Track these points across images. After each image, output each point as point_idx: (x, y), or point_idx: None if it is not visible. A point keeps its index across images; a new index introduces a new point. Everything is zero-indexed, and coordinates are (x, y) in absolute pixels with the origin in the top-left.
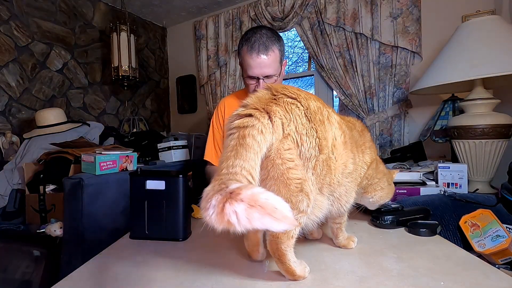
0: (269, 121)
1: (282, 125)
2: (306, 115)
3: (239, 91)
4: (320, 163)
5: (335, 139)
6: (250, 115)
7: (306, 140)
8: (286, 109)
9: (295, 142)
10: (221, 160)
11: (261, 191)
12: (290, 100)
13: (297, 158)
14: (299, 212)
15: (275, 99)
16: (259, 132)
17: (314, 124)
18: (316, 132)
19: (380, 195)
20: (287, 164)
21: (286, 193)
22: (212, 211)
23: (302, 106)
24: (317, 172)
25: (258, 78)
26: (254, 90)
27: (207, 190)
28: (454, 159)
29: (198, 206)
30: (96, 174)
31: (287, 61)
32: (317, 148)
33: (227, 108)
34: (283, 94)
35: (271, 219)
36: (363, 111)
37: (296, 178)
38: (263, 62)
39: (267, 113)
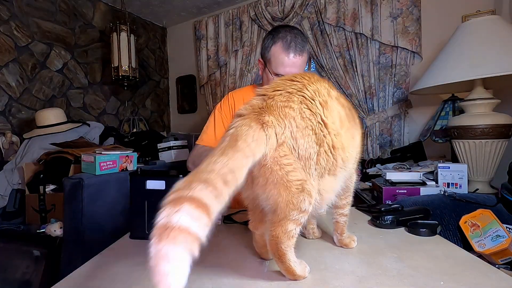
0: (261, 131)
1: (276, 135)
2: (301, 113)
3: (246, 87)
4: (323, 154)
5: (340, 114)
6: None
7: (302, 143)
8: (280, 115)
9: (291, 147)
10: (204, 160)
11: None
12: (282, 104)
13: (296, 161)
14: (300, 212)
15: (267, 106)
16: (253, 139)
17: (312, 116)
18: (312, 129)
19: None
20: (285, 169)
21: (287, 196)
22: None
23: (295, 103)
24: (321, 165)
25: None
26: None
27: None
28: (454, 159)
29: None
30: (96, 174)
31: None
32: (314, 145)
33: (237, 101)
34: (276, 100)
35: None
36: (363, 111)
37: (296, 180)
38: (297, 62)
39: (261, 124)
